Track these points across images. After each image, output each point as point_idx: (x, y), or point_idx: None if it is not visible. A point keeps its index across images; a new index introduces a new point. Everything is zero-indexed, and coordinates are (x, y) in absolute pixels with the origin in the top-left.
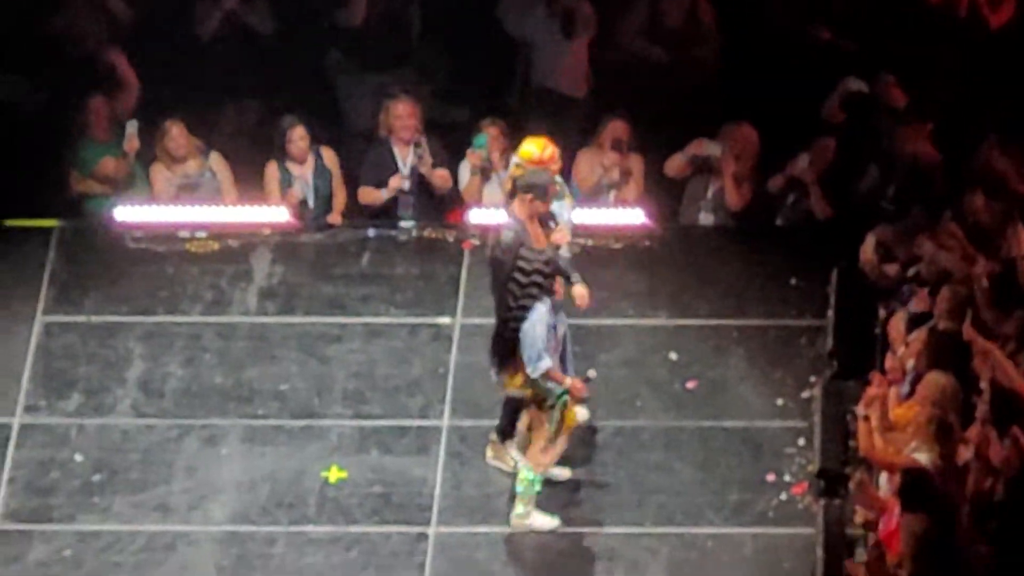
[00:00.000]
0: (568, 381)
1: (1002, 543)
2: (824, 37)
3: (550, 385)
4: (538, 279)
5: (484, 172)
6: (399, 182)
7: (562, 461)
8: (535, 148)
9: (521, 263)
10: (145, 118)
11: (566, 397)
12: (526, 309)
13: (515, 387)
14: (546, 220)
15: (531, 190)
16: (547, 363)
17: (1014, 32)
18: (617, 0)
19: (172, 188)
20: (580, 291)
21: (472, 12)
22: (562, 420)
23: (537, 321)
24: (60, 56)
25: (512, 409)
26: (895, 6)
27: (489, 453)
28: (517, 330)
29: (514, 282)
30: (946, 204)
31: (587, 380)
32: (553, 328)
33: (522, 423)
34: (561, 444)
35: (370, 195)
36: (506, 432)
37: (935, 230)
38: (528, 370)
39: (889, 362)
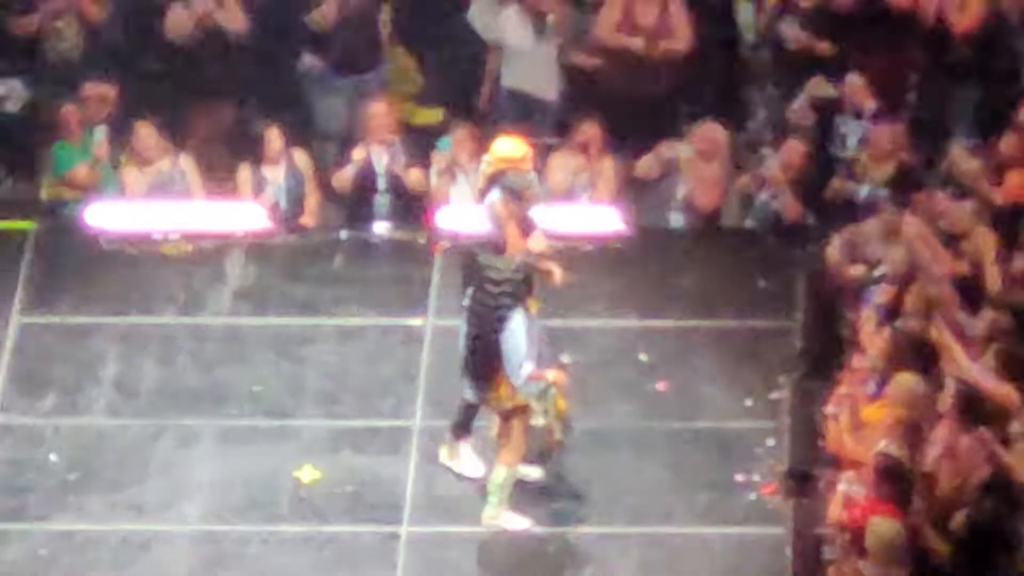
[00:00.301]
0: (550, 375)
1: (965, 543)
2: (795, 38)
3: (532, 387)
4: (508, 288)
5: (451, 173)
6: (362, 154)
7: (533, 462)
8: (509, 146)
9: (490, 273)
10: (118, 119)
11: (553, 389)
12: (502, 321)
13: (502, 401)
14: (526, 224)
15: (512, 192)
16: (529, 368)
17: (981, 36)
18: (587, 3)
19: (143, 188)
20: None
21: (444, 14)
22: (555, 411)
23: (515, 330)
24: (36, 58)
25: (470, 414)
26: (864, 9)
27: (443, 453)
28: (496, 342)
29: (485, 293)
30: (915, 205)
31: (562, 366)
32: (531, 332)
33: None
34: (523, 443)
35: (340, 178)
36: (459, 432)
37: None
38: (513, 380)
39: (856, 362)
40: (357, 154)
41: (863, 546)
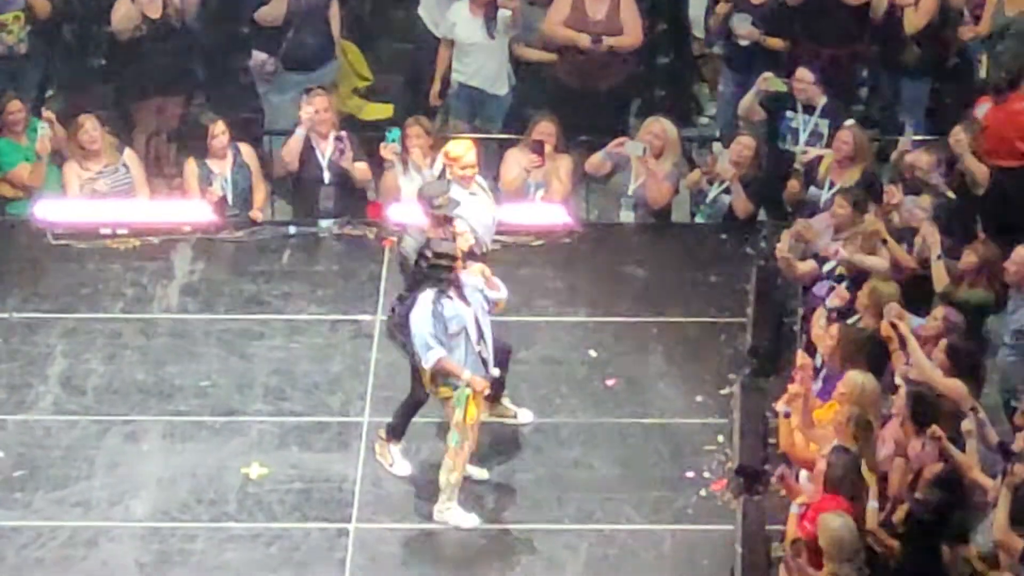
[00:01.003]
0: (466, 374)
1: (914, 538)
2: (746, 34)
3: (451, 382)
4: (423, 264)
5: (402, 164)
6: (309, 111)
7: (481, 460)
8: (453, 145)
9: (422, 249)
10: (63, 116)
11: (468, 391)
12: (413, 300)
13: (429, 388)
14: (448, 226)
15: (430, 202)
16: (438, 353)
17: (932, 30)
18: None
19: (84, 185)
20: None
21: (394, 9)
22: (464, 417)
23: (420, 309)
24: None
25: (407, 409)
26: (816, 4)
27: (376, 449)
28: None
29: (409, 274)
30: (867, 198)
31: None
32: (443, 317)
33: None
34: (471, 441)
35: (288, 150)
36: (395, 432)
37: (858, 225)
38: (422, 362)
39: (801, 359)
40: (300, 129)
41: (818, 553)
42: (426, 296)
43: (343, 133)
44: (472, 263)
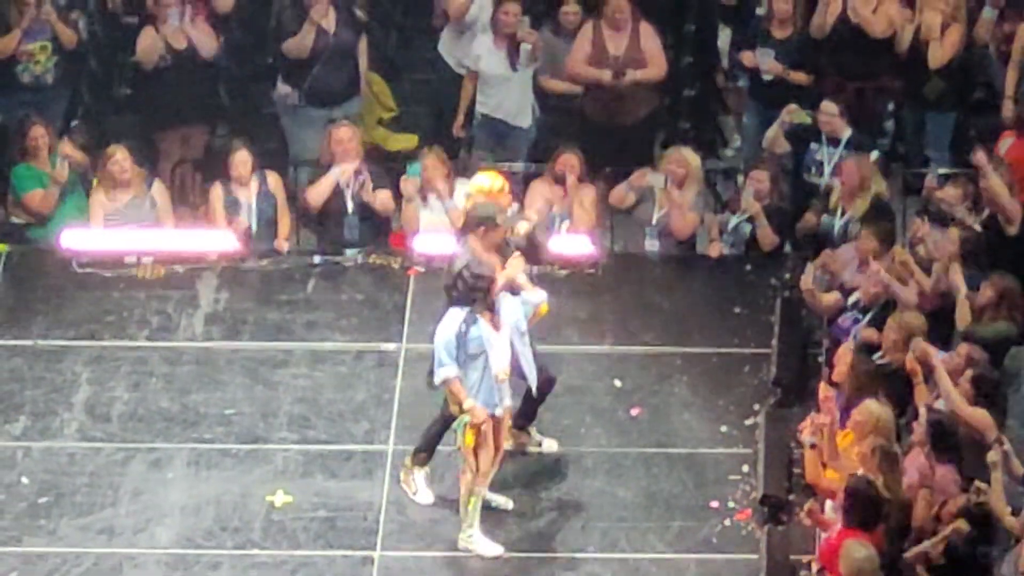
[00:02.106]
0: (468, 402)
1: (941, 569)
2: (770, 68)
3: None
4: (460, 285)
5: (422, 197)
6: (339, 172)
7: (505, 488)
8: (485, 179)
9: (458, 269)
10: (89, 145)
11: (466, 419)
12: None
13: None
14: (504, 250)
15: (483, 222)
16: (450, 372)
17: (958, 65)
18: (564, 31)
19: (109, 217)
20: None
21: (420, 41)
22: (463, 442)
23: (446, 325)
24: (8, 80)
25: (433, 434)
26: (841, 38)
27: (401, 476)
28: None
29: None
30: (894, 231)
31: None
32: (466, 337)
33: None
34: (482, 466)
35: (316, 192)
36: (419, 458)
37: (883, 257)
38: (433, 377)
39: (823, 391)
40: (334, 172)
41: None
42: (456, 315)
43: (363, 164)
44: (514, 257)
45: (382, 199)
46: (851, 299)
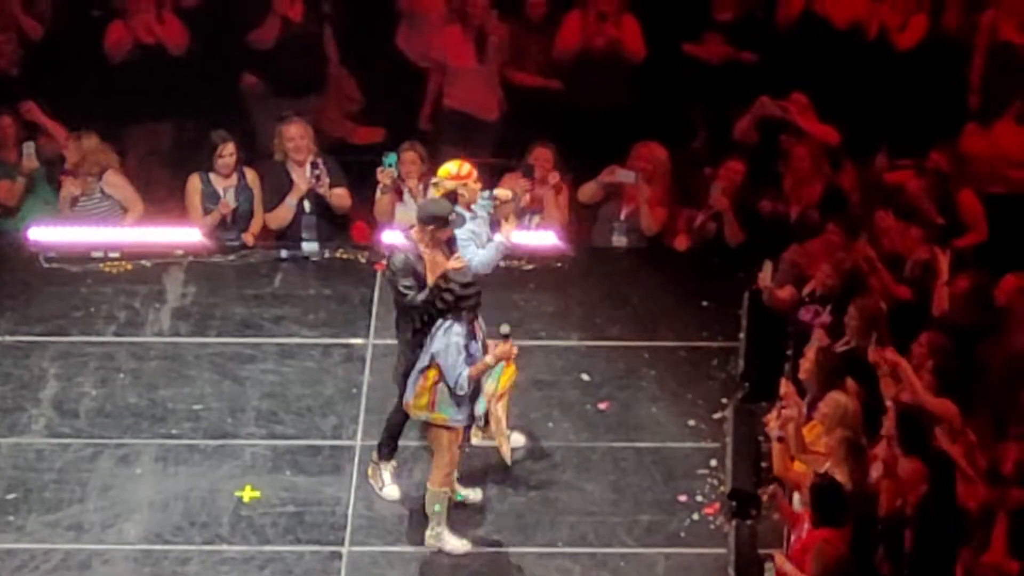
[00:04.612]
0: (490, 358)
1: (908, 562)
2: (737, 57)
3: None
4: (448, 297)
5: (397, 191)
6: (296, 198)
7: (473, 482)
8: (452, 166)
9: (439, 281)
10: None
11: (500, 365)
12: (434, 329)
13: (420, 410)
14: (447, 248)
15: (432, 220)
16: (467, 372)
17: (924, 53)
18: (530, 23)
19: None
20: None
21: (385, 33)
22: (502, 382)
23: (452, 344)
24: None
25: (394, 425)
26: (807, 27)
27: (369, 472)
28: (422, 350)
29: (435, 298)
30: (859, 224)
31: (505, 336)
32: (467, 351)
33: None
34: (449, 463)
35: (276, 217)
36: (383, 452)
37: (847, 250)
38: (455, 389)
39: (784, 387)
40: (291, 198)
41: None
42: (453, 329)
43: (318, 160)
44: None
45: (337, 195)
46: (805, 290)
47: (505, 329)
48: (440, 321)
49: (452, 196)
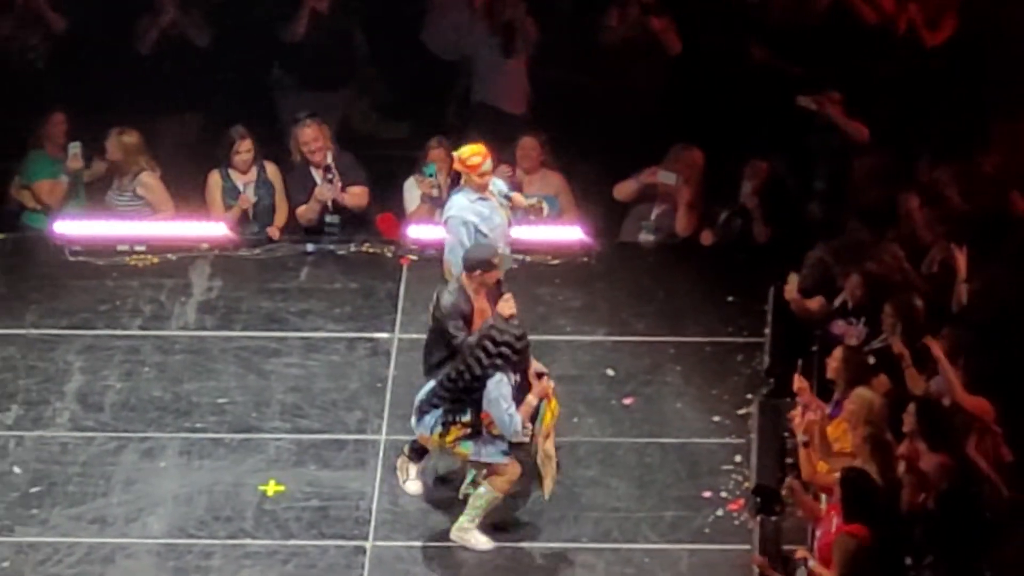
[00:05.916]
0: (532, 398)
1: (931, 556)
2: (766, 58)
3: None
4: (505, 351)
5: (434, 200)
6: (323, 194)
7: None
8: (466, 151)
9: (492, 332)
10: (87, 133)
11: (543, 404)
12: (487, 379)
13: (448, 446)
14: (496, 290)
15: (478, 265)
16: (519, 419)
17: (952, 49)
18: (560, 17)
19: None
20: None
21: (413, 28)
22: (546, 421)
23: (502, 397)
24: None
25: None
26: (836, 24)
27: (398, 463)
28: (477, 399)
29: (481, 350)
30: (887, 222)
31: (539, 375)
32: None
33: None
34: (516, 474)
35: (304, 212)
36: (413, 456)
37: (875, 248)
38: (510, 438)
39: (798, 382)
40: (315, 200)
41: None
42: (501, 381)
43: (330, 163)
44: (504, 299)
45: (353, 194)
46: (837, 302)
47: (539, 367)
48: (493, 370)
49: (456, 177)
